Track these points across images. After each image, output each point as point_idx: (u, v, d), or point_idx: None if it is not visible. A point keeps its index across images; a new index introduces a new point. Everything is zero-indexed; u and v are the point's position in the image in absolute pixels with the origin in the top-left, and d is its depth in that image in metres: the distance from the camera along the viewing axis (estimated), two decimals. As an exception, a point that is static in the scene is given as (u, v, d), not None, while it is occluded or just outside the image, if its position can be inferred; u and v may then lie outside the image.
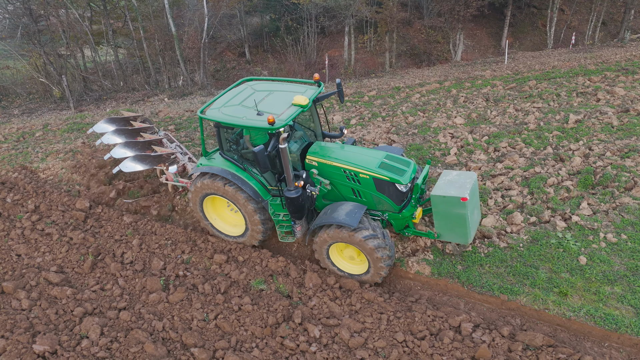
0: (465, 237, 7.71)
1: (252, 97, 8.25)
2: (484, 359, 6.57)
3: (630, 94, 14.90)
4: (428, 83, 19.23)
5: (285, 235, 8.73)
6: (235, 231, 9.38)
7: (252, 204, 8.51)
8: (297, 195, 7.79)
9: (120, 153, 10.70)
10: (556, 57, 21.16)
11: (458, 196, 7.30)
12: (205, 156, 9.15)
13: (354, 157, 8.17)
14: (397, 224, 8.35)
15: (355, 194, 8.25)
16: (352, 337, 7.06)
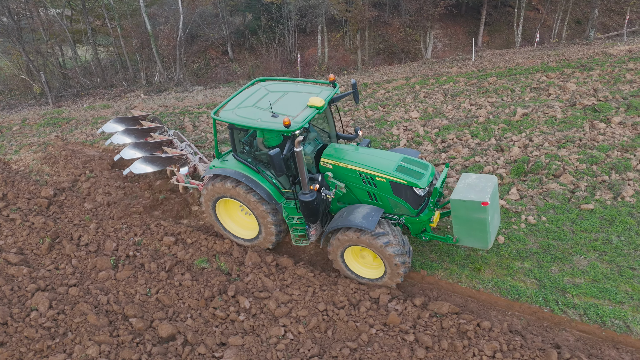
0: (486, 242, 7.43)
1: (266, 98, 8.07)
2: (394, 324, 7.22)
3: (580, 89, 15.59)
4: (395, 80, 19.89)
5: (299, 239, 8.56)
6: (249, 234, 9.25)
7: (266, 207, 8.35)
8: (312, 199, 7.61)
9: (130, 154, 10.55)
10: (522, 55, 21.85)
11: (479, 200, 7.02)
12: (218, 158, 9.00)
13: (370, 160, 7.97)
14: (414, 228, 8.12)
15: (371, 198, 8.03)
16: (278, 307, 7.69)
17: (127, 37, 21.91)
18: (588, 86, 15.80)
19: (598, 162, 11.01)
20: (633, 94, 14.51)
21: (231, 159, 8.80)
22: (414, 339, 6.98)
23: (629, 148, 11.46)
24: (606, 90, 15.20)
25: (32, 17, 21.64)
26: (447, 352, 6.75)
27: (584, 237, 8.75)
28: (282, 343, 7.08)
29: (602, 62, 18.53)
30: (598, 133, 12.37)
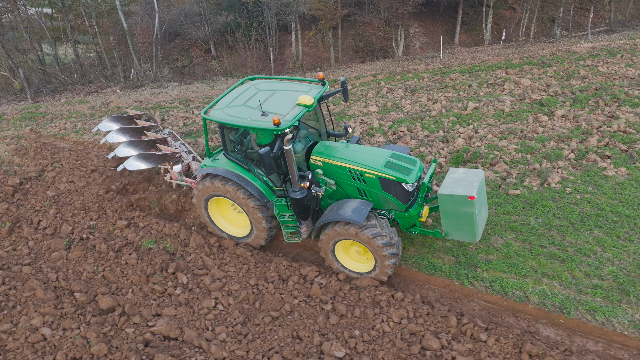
0: (474, 235, 7.57)
1: (256, 97, 8.13)
2: (316, 296, 7.84)
3: (534, 84, 16.24)
4: (364, 76, 20.52)
5: (291, 236, 8.64)
6: (241, 232, 9.31)
7: (257, 204, 8.41)
8: (303, 196, 7.69)
9: (124, 152, 10.68)
10: (489, 53, 22.52)
11: (466, 195, 7.13)
12: (209, 157, 9.05)
13: (359, 157, 8.05)
14: (404, 222, 8.21)
15: (361, 194, 8.12)
16: (213, 282, 8.30)
17: (105, 34, 22.43)
18: (542, 82, 16.45)
19: (533, 152, 11.65)
20: (582, 89, 15.17)
21: (222, 157, 8.85)
22: (331, 308, 7.59)
23: (565, 139, 12.11)
24: (557, 85, 15.86)
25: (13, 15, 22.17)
26: (358, 318, 7.37)
27: (505, 219, 9.38)
28: (212, 313, 7.68)
29: (563, 59, 19.20)
30: (540, 125, 13.02)
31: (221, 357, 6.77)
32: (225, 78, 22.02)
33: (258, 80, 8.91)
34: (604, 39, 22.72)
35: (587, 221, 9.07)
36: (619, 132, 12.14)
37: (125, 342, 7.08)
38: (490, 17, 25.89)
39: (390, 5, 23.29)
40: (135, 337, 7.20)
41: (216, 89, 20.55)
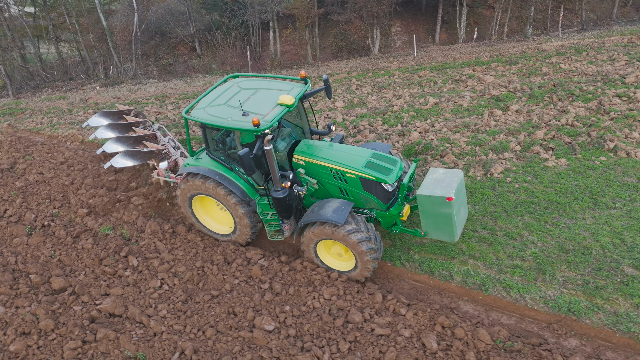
0: (452, 235, 7.63)
1: (237, 96, 8.11)
2: (256, 276, 8.32)
3: (496, 81, 16.76)
4: (338, 73, 21.01)
5: (274, 234, 8.70)
6: (225, 230, 9.37)
7: (240, 203, 8.47)
8: (285, 195, 7.73)
9: (112, 148, 10.72)
10: (461, 51, 23.04)
11: (444, 196, 7.20)
12: (192, 156, 9.12)
13: (340, 156, 8.06)
14: (385, 221, 8.29)
15: (342, 193, 8.18)
16: (161, 264, 8.77)
17: (85, 32, 22.87)
18: (504, 79, 16.97)
19: (482, 144, 12.16)
20: (541, 85, 15.69)
21: (205, 156, 8.89)
22: (268, 287, 8.08)
23: (515, 132, 12.62)
24: (518, 82, 16.38)
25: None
26: (292, 296, 7.86)
27: (444, 206, 9.87)
28: (157, 293, 8.16)
29: (530, 57, 19.73)
30: (493, 119, 13.53)
31: (159, 331, 7.24)
32: (203, 75, 22.45)
33: (241, 78, 8.85)
34: (574, 37, 23.27)
35: (520, 208, 9.59)
36: (566, 125, 12.66)
37: (72, 319, 7.54)
38: (464, 16, 26.40)
39: (365, 4, 23.75)
40: (82, 314, 7.67)
41: (193, 86, 21.01)
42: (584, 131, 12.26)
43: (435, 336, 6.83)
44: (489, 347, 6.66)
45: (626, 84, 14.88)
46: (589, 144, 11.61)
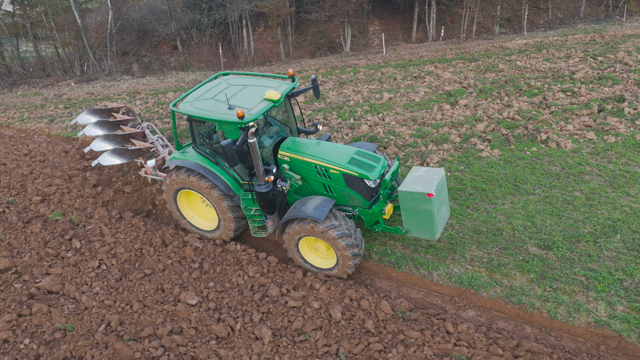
0: (433, 232, 7.67)
1: (225, 91, 8.21)
2: (189, 257, 8.86)
3: (453, 77, 17.35)
4: (306, 70, 21.55)
5: (258, 230, 8.69)
6: (209, 225, 9.37)
7: (224, 198, 8.48)
8: (268, 190, 7.77)
9: (100, 146, 10.65)
10: (429, 49, 23.63)
11: (424, 192, 7.26)
12: (179, 149, 9.18)
13: (324, 153, 8.13)
14: (368, 219, 8.30)
15: (326, 190, 8.20)
16: (102, 246, 9.30)
17: (61, 31, 23.36)
18: (461, 75, 17.56)
19: (425, 136, 12.73)
20: (493, 81, 16.28)
21: (191, 150, 8.91)
22: (198, 266, 8.62)
23: (458, 125, 13.20)
24: (473, 78, 16.97)
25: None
26: (219, 274, 8.40)
27: (377, 193, 10.43)
28: (94, 272, 8.68)
29: (492, 54, 20.33)
30: (440, 113, 14.10)
31: (90, 305, 7.77)
32: (177, 72, 22.97)
33: (230, 76, 8.97)
34: (539, 35, 23.89)
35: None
36: (507, 119, 13.24)
37: (11, 295, 8.06)
38: (433, 15, 26.99)
39: (335, 3, 24.30)
40: (21, 291, 8.19)
41: (165, 82, 21.52)
42: (522, 124, 12.84)
43: (342, 307, 7.38)
44: (389, 316, 7.22)
45: (574, 79, 15.49)
46: (524, 136, 12.19)
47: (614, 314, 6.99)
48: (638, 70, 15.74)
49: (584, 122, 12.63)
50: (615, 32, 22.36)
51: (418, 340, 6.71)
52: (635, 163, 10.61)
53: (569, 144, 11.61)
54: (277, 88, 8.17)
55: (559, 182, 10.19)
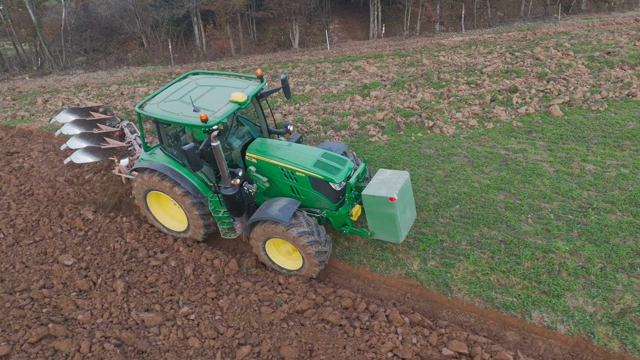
0: (397, 236, 7.69)
1: (193, 92, 8.08)
2: (79, 227, 9.85)
3: (378, 71, 18.43)
4: (250, 65, 22.57)
5: (227, 232, 8.64)
6: (180, 227, 9.31)
7: (192, 200, 8.40)
8: (234, 192, 7.74)
9: (75, 144, 10.55)
10: (370, 45, 24.74)
11: (387, 196, 7.29)
12: (147, 151, 9.08)
13: (291, 155, 8.05)
14: (335, 221, 8.27)
15: (293, 192, 8.19)
16: (4, 218, 10.27)
17: (17, 27, 24.27)
18: (386, 69, 18.65)
19: (328, 124, 13.78)
20: (411, 75, 17.38)
21: (159, 152, 8.82)
22: (83, 234, 9.61)
23: (361, 114, 14.26)
24: (395, 72, 18.06)
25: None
26: (99, 240, 9.39)
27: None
28: (-8, 239, 9.65)
29: (426, 50, 21.46)
30: (351, 104, 15.16)
31: (-21, 266, 8.75)
32: (127, 67, 23.91)
33: (200, 76, 8.87)
34: (476, 33, 25.03)
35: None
36: (407, 108, 14.32)
37: None
38: (377, 13, 28.08)
39: (280, 1, 25.34)
40: None
41: (114, 76, 22.47)
42: (418, 113, 13.93)
43: (195, 265, 8.41)
44: (234, 272, 8.25)
45: (482, 73, 16.61)
46: (415, 123, 13.27)
47: (425, 267, 8.06)
48: (545, 64, 16.91)
49: (473, 110, 13.73)
50: (548, 30, 23.57)
51: (249, 289, 7.75)
52: (501, 146, 11.71)
53: (451, 130, 12.70)
54: (245, 89, 8.02)
55: (427, 162, 11.26)
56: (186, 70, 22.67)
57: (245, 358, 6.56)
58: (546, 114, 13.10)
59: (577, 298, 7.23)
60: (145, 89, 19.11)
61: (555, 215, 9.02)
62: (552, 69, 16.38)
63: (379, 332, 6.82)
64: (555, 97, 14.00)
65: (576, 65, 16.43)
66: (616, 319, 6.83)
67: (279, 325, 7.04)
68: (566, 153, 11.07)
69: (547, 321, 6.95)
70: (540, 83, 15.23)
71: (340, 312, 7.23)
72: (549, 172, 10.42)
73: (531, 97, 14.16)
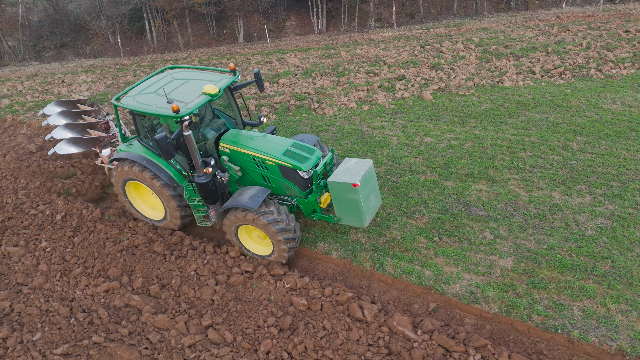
0: (361, 220, 8.01)
1: (168, 85, 8.39)
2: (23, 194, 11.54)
3: (297, 62, 20.17)
4: (191, 57, 24.29)
5: (203, 220, 8.92)
6: (157, 215, 9.56)
7: (168, 189, 8.67)
8: (207, 181, 7.97)
9: (60, 135, 10.82)
10: (307, 40, 26.52)
11: (350, 182, 7.62)
12: (124, 142, 9.45)
13: (262, 145, 8.33)
14: (305, 208, 8.56)
15: (265, 180, 8.48)
16: None
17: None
18: (306, 61, 20.40)
19: (229, 106, 15.50)
20: (325, 66, 19.11)
21: (137, 143, 9.10)
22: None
23: (262, 98, 15.99)
24: (310, 64, 19.79)
25: None
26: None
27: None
28: None
29: (357, 44, 23.17)
30: (256, 89, 16.89)
31: None
32: (79, 58, 25.64)
33: (177, 69, 9.22)
34: (406, 29, 26.78)
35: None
36: (303, 93, 16.05)
37: None
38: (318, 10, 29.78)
39: (223, -2, 27.12)
40: None
41: (65, 67, 24.18)
42: (311, 97, 15.67)
43: (65, 212, 10.11)
44: (97, 218, 9.95)
45: (386, 63, 18.36)
46: (304, 106, 15.00)
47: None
48: (443, 56, 18.67)
49: (358, 95, 15.47)
50: (472, 26, 25.32)
51: (102, 230, 9.44)
52: (365, 124, 13.45)
53: (331, 111, 14.44)
54: (218, 82, 8.34)
55: (296, 137, 13.00)
56: (132, 62, 24.39)
57: (78, 276, 8.29)
58: (418, 98, 14.86)
59: (358, 234, 8.98)
60: (85, 77, 20.82)
61: (378, 176, 10.76)
62: (447, 60, 18.15)
63: (190, 258, 8.55)
64: (435, 84, 15.75)
65: (469, 57, 18.20)
66: (378, 247, 8.59)
67: (114, 254, 8.77)
68: (415, 129, 12.82)
69: (326, 249, 8.70)
70: (430, 72, 16.98)
71: (167, 245, 8.95)
72: (393, 144, 12.17)
73: (413, 84, 15.91)
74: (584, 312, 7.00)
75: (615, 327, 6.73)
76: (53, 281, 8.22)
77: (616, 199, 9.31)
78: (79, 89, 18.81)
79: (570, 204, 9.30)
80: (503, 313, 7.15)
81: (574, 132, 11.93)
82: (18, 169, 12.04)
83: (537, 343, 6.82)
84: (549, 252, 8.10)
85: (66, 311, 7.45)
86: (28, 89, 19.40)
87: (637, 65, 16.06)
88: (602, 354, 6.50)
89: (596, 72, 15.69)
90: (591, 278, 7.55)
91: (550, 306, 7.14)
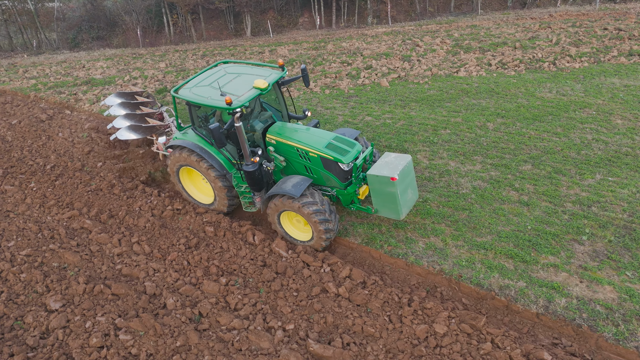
0: (397, 213, 8.36)
1: (222, 78, 8.92)
2: None
3: (286, 54, 22.17)
4: (200, 50, 26.80)
5: (249, 205, 9.45)
6: (207, 199, 10.19)
7: (218, 176, 9.26)
8: (254, 169, 8.53)
9: (120, 123, 11.90)
10: (308, 34, 28.38)
11: (388, 176, 7.99)
12: (180, 130, 10.09)
13: (306, 137, 8.78)
14: (344, 199, 8.94)
15: (307, 171, 8.94)
16: None
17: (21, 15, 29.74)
18: (295, 53, 22.35)
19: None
20: (307, 56, 21.01)
21: (191, 132, 9.74)
22: None
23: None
24: (297, 55, 21.72)
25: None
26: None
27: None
28: None
29: (350, 38, 24.91)
30: (241, 75, 19.01)
31: None
32: (104, 48, 28.75)
33: (230, 64, 9.83)
34: (400, 26, 28.19)
35: (182, 119, 15.13)
36: (278, 79, 18.00)
37: None
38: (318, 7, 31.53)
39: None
40: None
41: (90, 55, 27.29)
42: (283, 82, 17.60)
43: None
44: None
45: (362, 55, 20.05)
46: (274, 89, 16.95)
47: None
48: (416, 49, 20.16)
49: (325, 82, 17.27)
50: (463, 23, 26.47)
51: (79, 177, 11.79)
52: (322, 105, 15.23)
53: (296, 94, 16.33)
54: (267, 77, 8.85)
55: (257, 114, 15.00)
56: (148, 52, 27.21)
57: (51, 207, 10.65)
58: (377, 85, 16.50)
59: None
60: (103, 64, 23.72)
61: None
62: (418, 53, 19.63)
63: (138, 199, 10.74)
64: (396, 73, 17.32)
65: (439, 51, 19.59)
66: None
67: (82, 194, 11.09)
68: (361, 110, 14.52)
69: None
70: (397, 63, 18.55)
71: (124, 190, 11.18)
72: (338, 121, 13.93)
73: (377, 73, 17.55)
74: (426, 245, 8.63)
75: (445, 256, 8.33)
76: (32, 210, 10.62)
77: (501, 167, 10.73)
78: (94, 73, 21.64)
79: (460, 170, 10.81)
80: (364, 244, 8.87)
81: (496, 115, 13.28)
82: (27, 132, 14.72)
83: (385, 266, 8.51)
84: (421, 204, 9.71)
85: (36, 228, 9.79)
86: (53, 72, 22.45)
87: (592, 60, 17.00)
88: (428, 274, 8.13)
89: (550, 65, 16.76)
90: (444, 222, 9.13)
91: (401, 240, 8.80)
